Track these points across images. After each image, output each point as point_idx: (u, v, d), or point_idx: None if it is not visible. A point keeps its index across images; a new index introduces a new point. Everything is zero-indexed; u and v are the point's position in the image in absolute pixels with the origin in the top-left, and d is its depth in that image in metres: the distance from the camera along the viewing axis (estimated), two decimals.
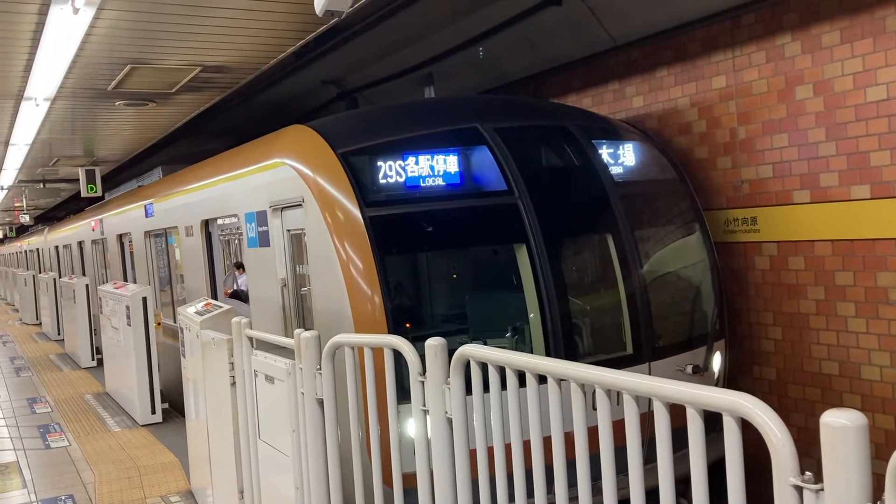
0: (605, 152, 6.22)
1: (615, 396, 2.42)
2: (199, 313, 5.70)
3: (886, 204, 5.68)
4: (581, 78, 8.46)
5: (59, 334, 18.24)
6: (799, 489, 1.79)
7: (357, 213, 5.33)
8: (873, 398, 5.95)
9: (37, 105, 9.27)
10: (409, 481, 3.40)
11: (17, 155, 13.56)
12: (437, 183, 5.57)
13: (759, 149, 6.61)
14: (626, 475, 2.32)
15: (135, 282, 12.09)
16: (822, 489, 1.74)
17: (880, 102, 5.67)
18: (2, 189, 19.55)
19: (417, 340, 3.37)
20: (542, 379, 2.68)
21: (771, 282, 6.69)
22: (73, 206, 24.87)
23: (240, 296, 9.35)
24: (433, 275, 6.51)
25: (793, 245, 6.45)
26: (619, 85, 8.00)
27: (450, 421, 3.12)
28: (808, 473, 1.79)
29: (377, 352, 3.54)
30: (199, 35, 7.10)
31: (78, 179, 14.92)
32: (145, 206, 11.21)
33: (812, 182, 6.20)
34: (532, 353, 5.31)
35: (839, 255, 6.09)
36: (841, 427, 1.69)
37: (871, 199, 5.79)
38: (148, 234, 11.37)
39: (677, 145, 7.34)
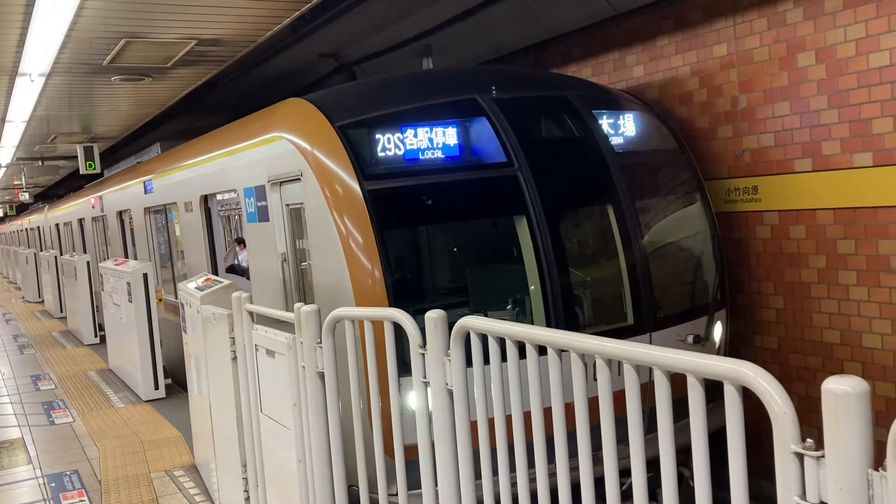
0: (605, 122, 6.16)
1: (616, 367, 2.41)
2: (199, 289, 5.69)
3: (889, 171, 5.64)
4: (581, 47, 8.37)
5: (61, 311, 18.29)
6: (800, 456, 1.78)
7: (356, 186, 5.30)
8: (874, 366, 5.96)
9: (32, 81, 9.19)
10: (411, 453, 3.41)
11: (13, 132, 13.48)
12: (436, 155, 5.53)
13: (761, 117, 6.55)
14: (627, 445, 2.31)
15: (135, 258, 12.09)
16: (823, 456, 1.73)
17: (883, 69, 5.60)
18: (0, 167, 19.48)
19: (418, 313, 3.36)
20: (542, 350, 2.67)
21: (772, 251, 6.67)
22: (72, 184, 24.80)
23: (237, 270, 9.34)
24: (433, 247, 6.49)
25: (794, 214, 6.42)
26: (620, 54, 7.92)
27: (450, 393, 3.12)
28: (809, 440, 1.78)
29: (377, 325, 3.53)
30: (193, 7, 7.01)
31: (76, 156, 14.85)
32: (144, 183, 11.17)
33: (814, 150, 6.15)
34: (533, 324, 5.30)
35: (841, 224, 6.05)
36: (843, 393, 1.68)
37: (873, 166, 5.74)
38: (147, 210, 11.33)
39: (678, 115, 7.28)
